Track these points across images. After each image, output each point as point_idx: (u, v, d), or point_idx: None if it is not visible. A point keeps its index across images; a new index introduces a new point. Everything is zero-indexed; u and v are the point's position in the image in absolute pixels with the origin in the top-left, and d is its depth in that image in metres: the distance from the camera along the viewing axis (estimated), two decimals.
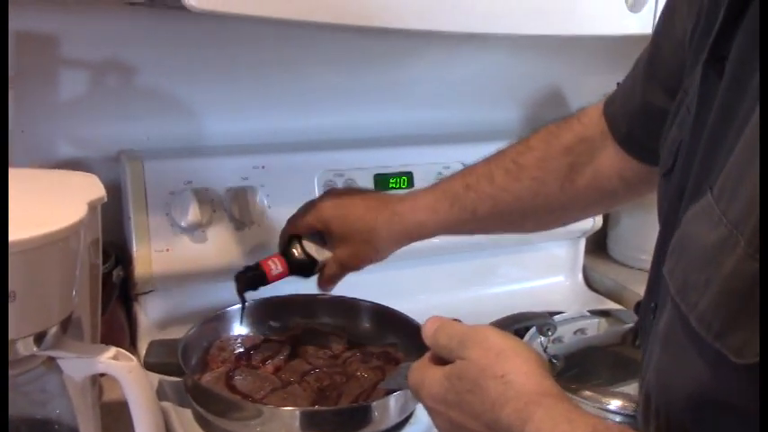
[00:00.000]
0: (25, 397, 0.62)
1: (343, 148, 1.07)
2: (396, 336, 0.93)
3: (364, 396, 0.81)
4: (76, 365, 0.59)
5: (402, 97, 1.17)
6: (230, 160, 0.98)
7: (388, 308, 0.95)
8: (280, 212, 0.98)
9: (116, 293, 0.89)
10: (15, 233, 0.50)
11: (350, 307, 0.97)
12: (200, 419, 0.80)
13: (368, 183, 1.05)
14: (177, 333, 0.87)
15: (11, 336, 0.52)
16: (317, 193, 1.01)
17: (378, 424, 0.77)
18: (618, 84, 0.79)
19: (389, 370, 0.84)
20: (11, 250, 0.49)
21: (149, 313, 0.96)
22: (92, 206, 0.59)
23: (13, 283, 0.50)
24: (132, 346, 0.94)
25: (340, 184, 1.03)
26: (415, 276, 1.11)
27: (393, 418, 0.79)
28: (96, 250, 0.65)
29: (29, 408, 0.63)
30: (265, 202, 0.98)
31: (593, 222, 1.21)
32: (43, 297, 0.54)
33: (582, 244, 1.25)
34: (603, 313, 1.07)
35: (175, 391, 0.83)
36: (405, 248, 1.06)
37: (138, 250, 0.91)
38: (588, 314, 1.06)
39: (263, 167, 0.98)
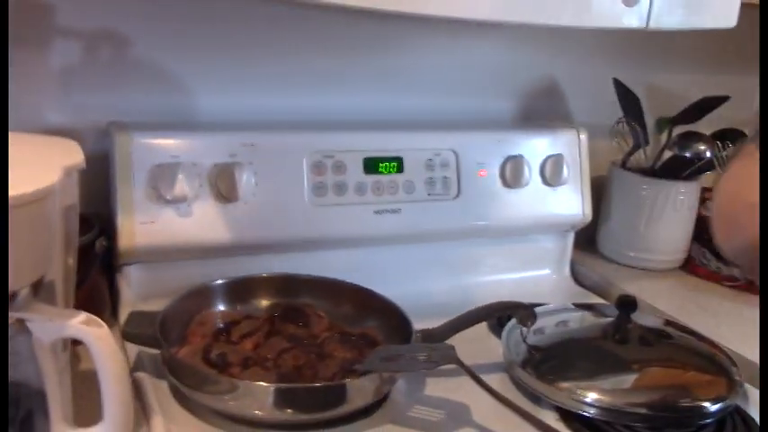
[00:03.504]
0: None
1: (334, 131, 1.06)
2: (376, 319, 0.93)
3: (339, 376, 0.81)
4: (46, 328, 0.59)
5: (395, 83, 1.17)
6: (219, 136, 0.98)
7: (370, 291, 0.95)
8: (267, 191, 0.98)
9: (97, 263, 0.89)
10: None
11: (332, 288, 0.97)
12: (175, 392, 0.80)
13: (357, 166, 1.05)
14: (159, 305, 0.87)
15: None
16: (305, 174, 1.01)
17: (351, 404, 0.77)
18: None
19: (367, 352, 0.84)
20: None
21: (132, 284, 0.96)
22: (67, 171, 0.59)
23: None
24: (113, 317, 0.95)
25: (329, 165, 1.03)
26: (401, 261, 1.11)
27: (367, 398, 0.79)
28: (73, 217, 0.65)
29: None
30: (253, 180, 0.98)
31: (582, 216, 1.21)
32: (13, 259, 0.54)
33: (571, 238, 1.25)
34: (587, 307, 1.07)
35: (153, 362, 0.83)
36: (391, 232, 1.06)
37: (121, 221, 0.91)
38: (572, 307, 1.06)
39: (252, 145, 0.98)
